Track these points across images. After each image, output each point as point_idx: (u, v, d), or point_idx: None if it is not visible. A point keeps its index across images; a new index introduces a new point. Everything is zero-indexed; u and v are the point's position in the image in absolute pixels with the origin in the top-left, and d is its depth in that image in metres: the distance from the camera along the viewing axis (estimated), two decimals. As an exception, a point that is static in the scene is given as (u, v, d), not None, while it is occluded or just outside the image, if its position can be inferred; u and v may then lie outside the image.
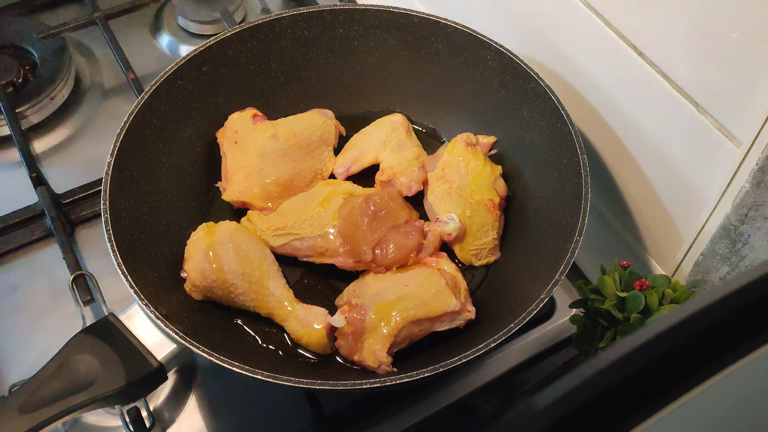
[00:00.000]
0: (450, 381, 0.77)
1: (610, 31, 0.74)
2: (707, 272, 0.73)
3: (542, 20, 0.85)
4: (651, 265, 0.82)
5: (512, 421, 0.32)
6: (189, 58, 0.84)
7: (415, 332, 0.72)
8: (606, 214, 0.87)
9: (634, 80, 0.73)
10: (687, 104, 0.68)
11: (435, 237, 0.79)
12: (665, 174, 0.75)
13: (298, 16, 0.89)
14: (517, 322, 0.66)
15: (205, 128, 0.87)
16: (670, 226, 0.77)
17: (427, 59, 0.90)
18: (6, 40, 1.06)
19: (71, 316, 0.80)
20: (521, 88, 0.84)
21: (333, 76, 0.93)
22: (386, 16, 0.89)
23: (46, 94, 1.00)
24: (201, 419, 0.76)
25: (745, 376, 0.33)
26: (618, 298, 0.68)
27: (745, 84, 0.62)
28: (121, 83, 1.06)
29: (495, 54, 0.85)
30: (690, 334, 0.32)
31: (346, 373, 0.73)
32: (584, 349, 0.73)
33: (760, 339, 0.33)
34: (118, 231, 0.71)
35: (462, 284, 0.76)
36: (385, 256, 0.77)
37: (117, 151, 0.76)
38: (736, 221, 0.66)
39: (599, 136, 0.83)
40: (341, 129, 0.90)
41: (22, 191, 0.92)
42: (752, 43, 0.59)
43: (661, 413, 0.31)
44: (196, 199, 0.85)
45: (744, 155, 0.63)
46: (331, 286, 0.80)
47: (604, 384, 0.31)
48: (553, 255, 0.73)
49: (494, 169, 0.84)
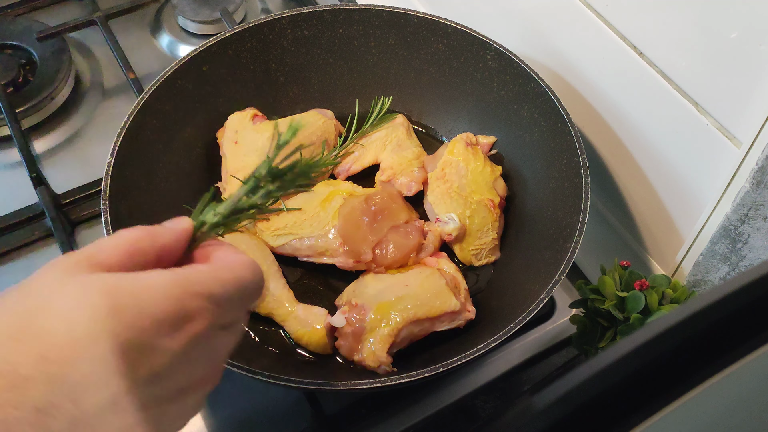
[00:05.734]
0: (450, 381, 0.77)
1: (610, 31, 0.74)
2: (707, 272, 0.73)
3: (542, 20, 0.85)
4: (651, 265, 0.82)
5: (512, 421, 0.32)
6: (189, 58, 0.84)
7: (415, 332, 0.72)
8: (606, 214, 0.87)
9: (634, 80, 0.73)
10: (687, 104, 0.68)
11: (435, 237, 0.79)
12: (665, 174, 0.75)
13: (298, 16, 0.89)
14: (517, 322, 0.66)
15: (205, 128, 0.87)
16: (670, 226, 0.77)
17: (427, 59, 0.90)
18: (6, 40, 1.06)
19: (71, 316, 0.80)
20: (521, 88, 0.84)
21: (333, 76, 0.93)
22: (386, 16, 0.89)
23: (46, 94, 1.00)
24: (201, 419, 0.76)
25: (745, 376, 0.33)
26: (618, 298, 0.68)
27: (745, 84, 0.62)
28: (121, 83, 1.06)
29: (495, 54, 0.85)
30: (690, 334, 0.32)
31: (346, 373, 0.73)
32: (584, 349, 0.73)
33: (760, 339, 0.33)
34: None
35: (462, 284, 0.76)
36: (385, 256, 0.77)
37: (117, 151, 0.76)
38: (736, 221, 0.67)
39: (599, 136, 0.83)
40: (341, 129, 0.90)
41: (22, 191, 0.92)
42: (752, 43, 0.60)
43: (661, 413, 0.31)
44: (196, 199, 0.84)
45: (744, 155, 0.63)
46: (331, 286, 0.80)
47: (604, 384, 0.31)
48: (553, 255, 0.73)
49: (494, 169, 0.84)
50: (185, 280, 0.42)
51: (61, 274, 0.40)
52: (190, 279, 0.42)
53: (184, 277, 0.42)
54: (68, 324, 0.38)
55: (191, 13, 1.12)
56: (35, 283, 0.41)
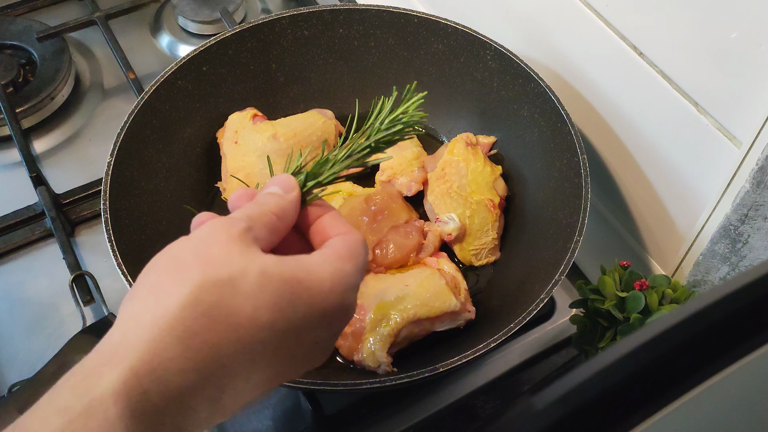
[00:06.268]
0: (450, 381, 0.77)
1: (610, 31, 0.74)
2: (707, 272, 0.73)
3: (542, 20, 0.85)
4: (651, 265, 0.82)
5: (512, 421, 0.32)
6: (189, 58, 0.84)
7: (415, 332, 0.72)
8: (606, 214, 0.87)
9: (634, 80, 0.73)
10: (687, 104, 0.68)
11: (435, 237, 0.79)
12: (665, 174, 0.75)
13: (298, 16, 0.89)
14: (517, 322, 0.66)
15: (205, 128, 0.87)
16: (670, 226, 0.77)
17: (427, 59, 0.90)
18: (6, 40, 1.06)
19: (71, 316, 0.80)
20: (521, 88, 0.84)
21: (333, 76, 0.93)
22: (386, 16, 0.89)
23: (46, 94, 1.00)
24: (201, 419, 0.76)
25: (745, 376, 0.33)
26: (618, 298, 0.68)
27: (745, 84, 0.62)
28: (121, 83, 1.06)
29: (495, 54, 0.85)
30: (690, 334, 0.32)
31: (346, 373, 0.73)
32: (584, 349, 0.73)
33: (760, 339, 0.33)
34: (118, 231, 0.71)
35: (462, 284, 0.76)
36: (385, 256, 0.77)
37: (117, 151, 0.76)
38: (736, 221, 0.66)
39: (599, 136, 0.83)
40: (341, 129, 0.90)
41: (22, 191, 0.92)
42: (752, 43, 0.59)
43: (661, 413, 0.31)
44: (196, 199, 0.85)
45: (744, 155, 0.63)
46: (331, 286, 0.80)
47: (604, 384, 0.31)
48: (553, 255, 0.73)
49: (494, 169, 0.84)
50: (343, 276, 0.45)
51: (240, 245, 0.43)
52: (345, 276, 0.45)
53: (342, 274, 0.45)
54: (254, 309, 0.41)
55: (191, 13, 1.12)
56: (216, 249, 0.42)
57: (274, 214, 0.47)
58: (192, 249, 0.43)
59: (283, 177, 0.50)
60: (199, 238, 0.43)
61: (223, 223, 0.44)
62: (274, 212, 0.47)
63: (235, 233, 0.43)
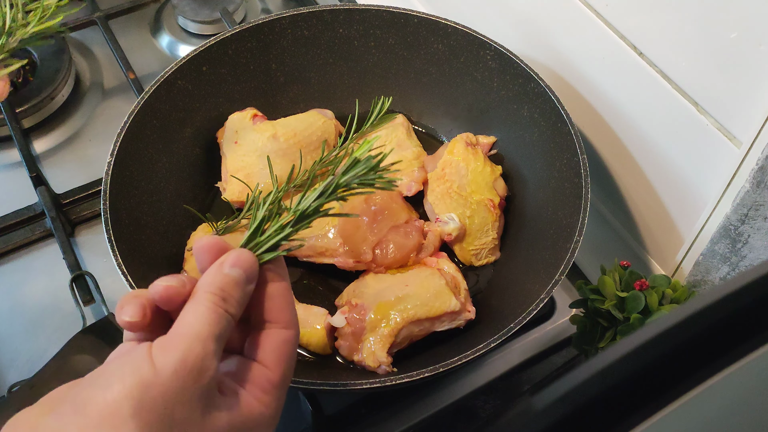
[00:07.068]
0: (450, 381, 0.77)
1: (610, 32, 0.74)
2: (707, 272, 0.73)
3: (542, 20, 0.85)
4: (651, 265, 0.82)
5: (512, 421, 0.32)
6: (189, 58, 0.84)
7: (415, 332, 0.72)
8: (606, 214, 0.87)
9: (634, 80, 0.73)
10: (687, 104, 0.68)
11: (435, 237, 0.79)
12: (665, 174, 0.75)
13: (298, 16, 0.89)
14: (517, 322, 0.66)
15: (205, 128, 0.87)
16: (670, 226, 0.77)
17: (427, 59, 0.90)
18: (6, 40, 1.06)
19: (71, 316, 0.80)
20: (521, 88, 0.84)
21: (333, 76, 0.93)
22: (386, 16, 0.89)
23: (46, 94, 1.00)
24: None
25: (745, 376, 0.33)
26: (618, 298, 0.68)
27: (745, 84, 0.62)
28: (121, 83, 1.06)
29: (495, 54, 0.85)
30: (690, 334, 0.32)
31: (346, 373, 0.73)
32: (584, 349, 0.73)
33: (760, 339, 0.33)
34: (118, 231, 0.71)
35: (462, 284, 0.76)
36: (385, 256, 0.77)
37: (117, 151, 0.76)
38: (736, 221, 0.67)
39: (599, 136, 0.83)
40: (341, 129, 0.90)
41: (22, 191, 0.92)
42: (752, 43, 0.59)
43: (661, 413, 0.31)
44: (196, 199, 0.85)
45: (744, 155, 0.63)
46: (331, 286, 0.80)
47: (604, 384, 0.31)
48: (553, 255, 0.73)
49: (494, 169, 0.84)
50: (278, 407, 0.47)
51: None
52: (280, 406, 0.47)
53: (278, 405, 0.47)
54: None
55: (191, 13, 1.12)
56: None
57: (236, 317, 0.46)
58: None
59: (251, 261, 0.47)
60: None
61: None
62: (237, 315, 0.46)
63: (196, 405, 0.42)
